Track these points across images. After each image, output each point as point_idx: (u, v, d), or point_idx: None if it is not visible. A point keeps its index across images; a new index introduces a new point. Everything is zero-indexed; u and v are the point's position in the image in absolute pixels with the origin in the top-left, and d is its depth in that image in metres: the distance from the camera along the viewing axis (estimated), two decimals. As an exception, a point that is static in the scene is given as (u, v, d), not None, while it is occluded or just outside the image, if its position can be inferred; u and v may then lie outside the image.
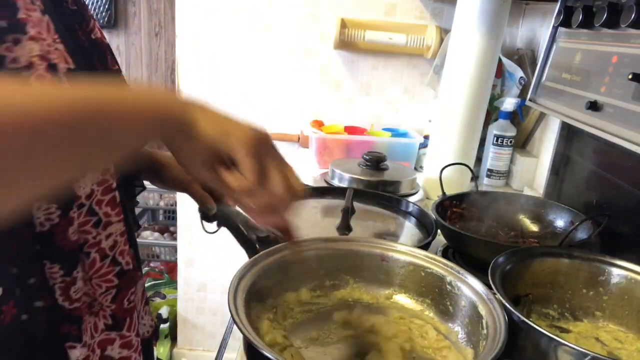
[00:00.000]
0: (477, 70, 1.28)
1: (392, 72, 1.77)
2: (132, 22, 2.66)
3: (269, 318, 0.68)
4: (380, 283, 0.78)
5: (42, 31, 0.51)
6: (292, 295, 0.73)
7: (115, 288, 0.60)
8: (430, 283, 0.74)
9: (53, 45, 0.52)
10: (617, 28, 0.82)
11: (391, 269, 0.77)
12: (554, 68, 1.03)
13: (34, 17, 0.51)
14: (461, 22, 1.29)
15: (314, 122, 1.68)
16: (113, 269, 0.60)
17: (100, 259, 0.58)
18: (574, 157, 1.22)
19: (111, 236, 0.59)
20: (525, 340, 0.63)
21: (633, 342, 0.73)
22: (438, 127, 1.41)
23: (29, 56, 0.49)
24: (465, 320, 0.69)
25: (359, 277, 0.78)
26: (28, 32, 0.50)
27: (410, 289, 0.76)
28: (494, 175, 1.49)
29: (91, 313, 0.59)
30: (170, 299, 2.27)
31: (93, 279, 0.58)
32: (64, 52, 0.53)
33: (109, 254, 0.59)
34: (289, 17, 1.71)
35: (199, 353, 2.15)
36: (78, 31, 0.62)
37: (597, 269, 0.79)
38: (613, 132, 0.80)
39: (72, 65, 0.54)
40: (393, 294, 0.77)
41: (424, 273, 0.75)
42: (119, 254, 0.60)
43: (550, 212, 1.07)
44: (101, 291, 0.59)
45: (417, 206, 1.09)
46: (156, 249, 2.48)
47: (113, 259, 0.60)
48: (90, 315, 0.59)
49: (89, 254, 0.57)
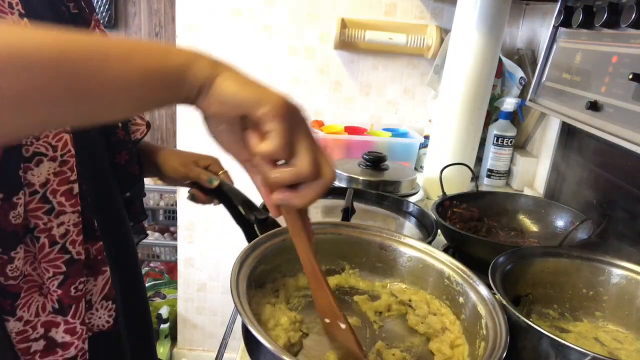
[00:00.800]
0: (477, 70, 1.28)
1: (392, 72, 1.77)
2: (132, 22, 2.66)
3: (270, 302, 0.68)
4: (378, 271, 0.78)
5: None
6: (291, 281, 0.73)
7: (63, 275, 0.62)
8: (429, 275, 0.74)
9: None
10: (617, 28, 0.82)
11: (390, 258, 0.77)
12: (554, 68, 1.03)
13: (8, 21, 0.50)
14: (461, 22, 1.29)
15: (314, 122, 1.68)
16: (62, 257, 0.62)
17: (49, 245, 0.60)
18: (574, 157, 1.22)
19: (63, 225, 0.61)
20: (525, 341, 0.63)
21: (632, 342, 0.73)
22: (438, 127, 1.41)
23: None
24: (461, 315, 0.69)
25: (356, 264, 0.78)
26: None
27: (408, 280, 0.77)
28: (494, 175, 1.49)
29: (41, 294, 0.62)
30: (170, 299, 2.27)
31: (42, 262, 0.61)
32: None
33: (58, 241, 0.61)
34: (289, 17, 1.71)
35: (199, 353, 2.15)
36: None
37: (597, 269, 0.79)
38: (613, 132, 0.80)
39: None
40: (389, 284, 0.77)
41: (422, 265, 0.75)
42: (70, 243, 0.62)
43: (550, 212, 1.07)
44: (49, 275, 0.61)
45: (417, 206, 1.09)
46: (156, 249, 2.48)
47: (63, 247, 0.61)
48: (40, 295, 0.62)
49: (38, 238, 0.60)
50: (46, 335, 0.63)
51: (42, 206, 0.60)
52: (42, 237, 0.60)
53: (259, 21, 1.71)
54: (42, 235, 0.60)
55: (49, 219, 0.60)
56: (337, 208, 0.99)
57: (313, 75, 1.77)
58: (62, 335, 0.63)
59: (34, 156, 0.58)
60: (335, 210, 1.00)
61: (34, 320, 0.62)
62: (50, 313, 0.63)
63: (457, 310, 0.70)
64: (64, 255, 0.62)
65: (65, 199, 0.61)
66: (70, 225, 0.62)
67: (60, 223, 0.61)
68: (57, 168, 0.60)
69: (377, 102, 1.81)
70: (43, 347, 0.63)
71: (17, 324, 0.60)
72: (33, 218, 0.59)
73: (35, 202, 0.59)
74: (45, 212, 0.60)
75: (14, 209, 0.57)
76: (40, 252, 0.60)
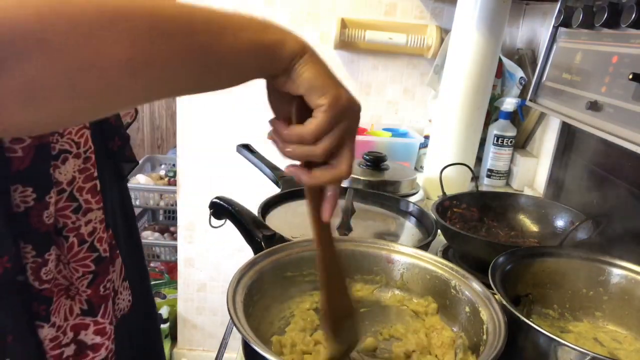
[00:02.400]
0: (477, 70, 1.28)
1: (392, 72, 1.77)
2: (132, 22, 2.66)
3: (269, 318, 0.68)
4: (385, 284, 0.78)
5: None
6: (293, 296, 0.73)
7: (92, 274, 0.61)
8: (435, 286, 0.74)
9: None
10: (617, 28, 0.82)
11: (397, 270, 0.77)
12: (554, 68, 1.03)
13: None
14: (461, 22, 1.29)
15: (314, 122, 1.67)
16: (91, 255, 0.61)
17: (78, 244, 0.59)
18: (574, 157, 1.22)
19: (90, 222, 0.60)
20: (526, 341, 0.63)
21: (632, 343, 0.73)
22: (438, 127, 1.41)
23: None
24: (467, 324, 0.69)
25: (362, 278, 0.78)
26: None
27: (414, 292, 0.76)
28: (494, 175, 1.49)
29: (68, 296, 0.60)
30: (170, 299, 2.27)
31: (70, 262, 0.59)
32: None
33: (87, 239, 0.60)
34: (289, 17, 1.71)
35: (199, 353, 2.15)
36: None
37: (597, 269, 0.79)
38: (613, 132, 0.80)
39: None
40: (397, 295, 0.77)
41: (429, 276, 0.74)
42: (97, 240, 0.61)
43: (550, 212, 1.07)
44: (78, 275, 0.60)
45: (417, 206, 1.09)
46: (156, 249, 2.48)
47: (91, 245, 0.61)
48: (66, 299, 0.60)
49: (67, 237, 0.59)
50: (76, 338, 0.61)
51: (70, 204, 0.59)
52: (71, 237, 0.59)
53: (259, 21, 1.71)
54: (71, 234, 0.59)
55: (77, 217, 0.59)
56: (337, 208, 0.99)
57: (313, 75, 1.77)
58: (91, 337, 0.62)
59: (60, 154, 0.57)
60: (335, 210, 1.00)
61: (64, 325, 0.60)
62: (79, 315, 0.61)
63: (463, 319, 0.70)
64: (92, 253, 0.61)
65: (91, 196, 0.60)
66: (97, 222, 0.61)
67: (88, 221, 0.60)
68: (81, 165, 0.59)
69: (377, 102, 1.80)
70: (74, 352, 0.61)
71: (50, 330, 0.59)
72: (62, 217, 0.58)
73: (63, 200, 0.58)
74: (72, 211, 0.59)
75: (47, 208, 0.56)
76: (69, 252, 0.59)
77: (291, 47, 0.46)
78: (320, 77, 0.47)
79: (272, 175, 1.15)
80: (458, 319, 0.70)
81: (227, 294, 0.60)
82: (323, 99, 0.47)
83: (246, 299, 0.62)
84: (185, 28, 0.39)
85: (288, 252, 0.72)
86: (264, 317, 0.68)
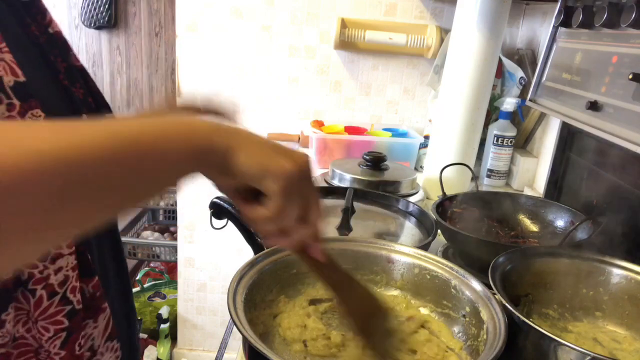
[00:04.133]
0: (477, 70, 1.28)
1: (392, 72, 1.77)
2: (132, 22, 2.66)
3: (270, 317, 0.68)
4: (385, 284, 0.78)
5: None
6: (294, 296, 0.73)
7: (65, 331, 0.53)
8: (436, 286, 0.74)
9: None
10: (617, 28, 0.82)
11: (397, 270, 0.77)
12: (554, 68, 1.03)
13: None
14: (461, 22, 1.29)
15: (314, 122, 1.68)
16: (63, 309, 0.52)
17: (47, 297, 0.51)
18: (574, 157, 1.22)
19: (61, 270, 0.52)
20: (526, 341, 0.63)
21: (631, 343, 0.73)
22: (438, 127, 1.41)
23: None
24: (467, 324, 0.69)
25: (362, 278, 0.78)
26: None
27: (415, 292, 0.76)
28: (494, 175, 1.49)
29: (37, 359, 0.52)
30: (170, 299, 2.27)
31: (39, 321, 0.51)
32: (11, 63, 0.48)
33: (58, 290, 0.51)
34: (289, 17, 1.71)
35: (199, 353, 2.15)
36: (31, 25, 0.58)
37: (597, 269, 0.79)
38: (613, 132, 0.80)
39: (21, 78, 0.49)
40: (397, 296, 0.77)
41: (429, 276, 0.74)
42: (70, 291, 0.53)
43: (550, 212, 1.07)
44: (49, 335, 0.51)
45: (417, 206, 1.09)
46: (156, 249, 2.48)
47: (63, 297, 0.52)
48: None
49: (34, 291, 0.50)
50: None
51: None
52: (39, 289, 0.50)
53: (259, 21, 1.71)
54: (38, 286, 0.50)
55: (45, 265, 0.50)
56: (337, 208, 0.99)
57: (313, 75, 1.77)
58: None
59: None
60: (335, 210, 1.00)
61: None
62: None
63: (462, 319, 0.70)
64: (64, 307, 0.52)
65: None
66: (69, 269, 0.52)
67: (58, 269, 0.51)
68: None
69: (377, 102, 1.80)
70: None
71: None
72: (26, 267, 0.49)
73: None
74: (40, 259, 0.50)
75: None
76: (36, 309, 0.50)
77: (219, 147, 0.45)
78: (257, 160, 0.46)
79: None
80: (458, 319, 0.70)
81: (228, 294, 0.60)
82: (269, 182, 0.47)
83: (247, 299, 0.62)
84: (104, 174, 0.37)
85: (288, 252, 0.72)
86: (264, 317, 0.68)
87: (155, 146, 0.41)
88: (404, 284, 0.77)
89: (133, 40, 2.68)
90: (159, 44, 2.68)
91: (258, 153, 0.47)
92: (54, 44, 0.60)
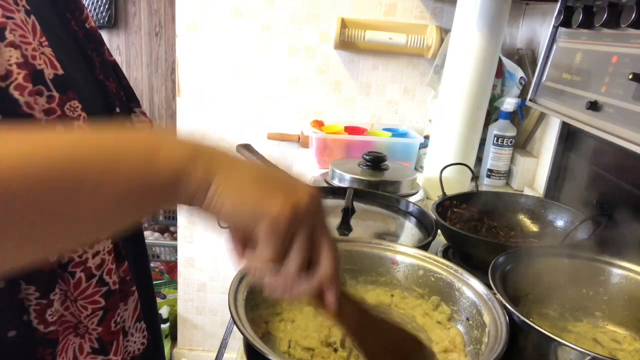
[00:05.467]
0: (477, 70, 1.28)
1: (392, 72, 1.77)
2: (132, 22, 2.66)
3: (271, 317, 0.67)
4: (387, 285, 0.78)
5: (25, 34, 0.48)
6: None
7: (102, 310, 0.56)
8: (440, 288, 0.74)
9: (39, 50, 0.49)
10: (617, 28, 0.82)
11: (401, 272, 0.77)
12: (554, 68, 1.03)
13: (16, 20, 0.47)
14: (461, 22, 1.29)
15: (314, 122, 1.68)
16: (100, 290, 0.55)
17: (86, 279, 0.54)
18: (574, 157, 1.22)
19: (98, 254, 0.55)
20: (526, 341, 0.63)
21: (631, 343, 0.73)
22: (438, 127, 1.41)
23: (6, 64, 0.46)
24: (468, 326, 0.69)
25: (364, 278, 0.78)
26: (6, 38, 0.46)
27: (418, 293, 0.76)
28: (494, 175, 1.49)
29: (77, 334, 0.56)
30: (170, 299, 2.27)
31: (78, 300, 0.54)
32: (51, 57, 0.50)
33: (95, 273, 0.55)
34: (289, 17, 1.71)
35: (199, 353, 2.15)
36: (71, 20, 0.60)
37: (597, 269, 0.79)
38: (613, 132, 0.80)
39: (59, 71, 0.50)
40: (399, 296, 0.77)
41: (434, 278, 0.75)
42: (107, 273, 0.56)
43: (550, 212, 1.07)
44: (87, 313, 0.55)
45: (417, 206, 1.09)
46: (156, 249, 2.48)
47: (100, 279, 0.55)
48: (75, 336, 0.56)
49: (73, 273, 0.53)
50: None
51: None
52: (78, 272, 0.53)
53: (259, 21, 1.71)
54: (77, 269, 0.53)
55: (83, 250, 0.53)
56: (337, 208, 0.99)
57: (313, 75, 1.77)
58: None
59: None
60: (336, 210, 1.00)
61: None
62: (89, 354, 0.56)
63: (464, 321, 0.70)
64: (101, 288, 0.55)
65: None
66: (105, 253, 0.56)
67: (96, 253, 0.54)
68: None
69: (377, 102, 1.80)
70: None
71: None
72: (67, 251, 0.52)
73: None
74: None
75: None
76: (75, 289, 0.54)
77: (193, 178, 0.38)
78: (242, 201, 0.39)
79: (273, 176, 1.15)
80: (461, 320, 0.70)
81: (229, 292, 0.60)
82: (261, 225, 0.39)
83: (248, 298, 0.62)
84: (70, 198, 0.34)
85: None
86: (265, 317, 0.68)
87: (109, 169, 0.35)
88: (409, 286, 0.77)
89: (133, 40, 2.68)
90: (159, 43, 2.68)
91: (243, 189, 0.40)
92: (90, 39, 0.62)
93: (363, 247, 0.79)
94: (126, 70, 2.69)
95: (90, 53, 0.62)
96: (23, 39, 0.48)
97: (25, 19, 0.49)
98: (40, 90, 0.48)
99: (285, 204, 0.40)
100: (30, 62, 0.48)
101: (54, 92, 0.50)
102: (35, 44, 0.49)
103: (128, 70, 2.71)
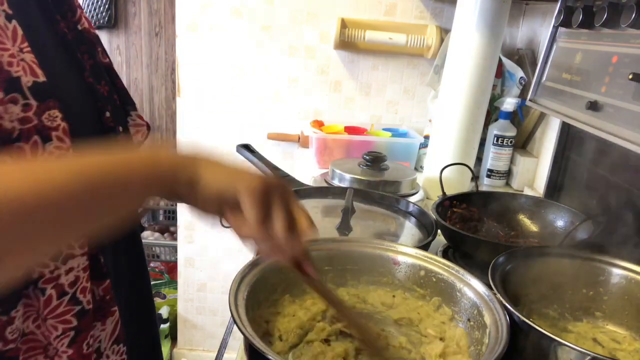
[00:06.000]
0: (477, 70, 1.28)
1: (392, 72, 1.77)
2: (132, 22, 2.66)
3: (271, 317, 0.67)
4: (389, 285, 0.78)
5: (3, 40, 0.47)
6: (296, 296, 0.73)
7: (74, 330, 0.53)
8: (441, 288, 0.74)
9: (18, 56, 0.47)
10: (617, 28, 0.82)
11: (403, 272, 0.77)
12: (554, 68, 1.03)
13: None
14: (461, 22, 1.29)
15: (314, 122, 1.68)
16: (72, 309, 0.52)
17: (57, 297, 0.51)
18: (574, 157, 1.22)
19: (72, 271, 0.52)
20: (526, 341, 0.63)
21: (631, 343, 0.73)
22: (438, 127, 1.41)
23: None
24: (469, 327, 0.68)
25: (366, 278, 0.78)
26: None
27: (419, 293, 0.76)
28: (494, 175, 1.49)
29: (46, 356, 0.53)
30: (170, 299, 2.27)
31: (48, 319, 0.51)
32: (32, 63, 0.49)
33: (68, 291, 0.52)
34: (289, 17, 1.71)
35: (199, 353, 2.15)
36: (60, 22, 0.58)
37: (597, 269, 0.79)
38: (613, 132, 0.80)
39: (40, 79, 0.49)
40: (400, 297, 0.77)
41: (435, 279, 0.74)
42: (80, 291, 0.53)
43: (550, 212, 1.07)
44: (57, 334, 0.52)
45: (417, 206, 1.09)
46: (156, 249, 2.48)
47: (73, 297, 0.52)
48: (45, 358, 0.53)
49: (44, 290, 0.50)
50: None
51: None
52: (49, 289, 0.51)
53: (259, 21, 1.71)
54: (48, 286, 0.51)
55: (56, 265, 0.51)
56: (337, 208, 0.99)
57: (313, 75, 1.77)
58: None
59: None
60: (335, 210, 1.00)
61: None
62: None
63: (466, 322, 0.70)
64: (74, 307, 0.53)
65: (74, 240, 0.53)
66: (80, 270, 0.53)
67: (69, 269, 0.52)
68: None
69: (377, 102, 1.80)
70: None
71: None
72: (37, 266, 0.50)
73: None
74: (51, 258, 0.51)
75: None
76: (45, 307, 0.51)
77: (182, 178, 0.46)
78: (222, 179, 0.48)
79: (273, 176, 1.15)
80: (462, 321, 0.70)
81: (230, 292, 0.60)
82: (240, 195, 0.47)
83: (249, 297, 0.62)
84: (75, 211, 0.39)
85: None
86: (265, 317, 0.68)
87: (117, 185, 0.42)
88: (410, 286, 0.76)
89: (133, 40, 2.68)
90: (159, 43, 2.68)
91: (222, 173, 0.48)
92: (82, 41, 0.60)
93: (365, 247, 0.78)
94: (126, 70, 2.69)
95: (81, 56, 0.60)
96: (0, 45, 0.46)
97: (5, 24, 0.47)
98: (15, 98, 0.47)
99: (256, 177, 0.49)
100: (5, 69, 0.46)
101: (31, 100, 0.48)
102: (15, 50, 0.47)
103: (128, 70, 2.71)
